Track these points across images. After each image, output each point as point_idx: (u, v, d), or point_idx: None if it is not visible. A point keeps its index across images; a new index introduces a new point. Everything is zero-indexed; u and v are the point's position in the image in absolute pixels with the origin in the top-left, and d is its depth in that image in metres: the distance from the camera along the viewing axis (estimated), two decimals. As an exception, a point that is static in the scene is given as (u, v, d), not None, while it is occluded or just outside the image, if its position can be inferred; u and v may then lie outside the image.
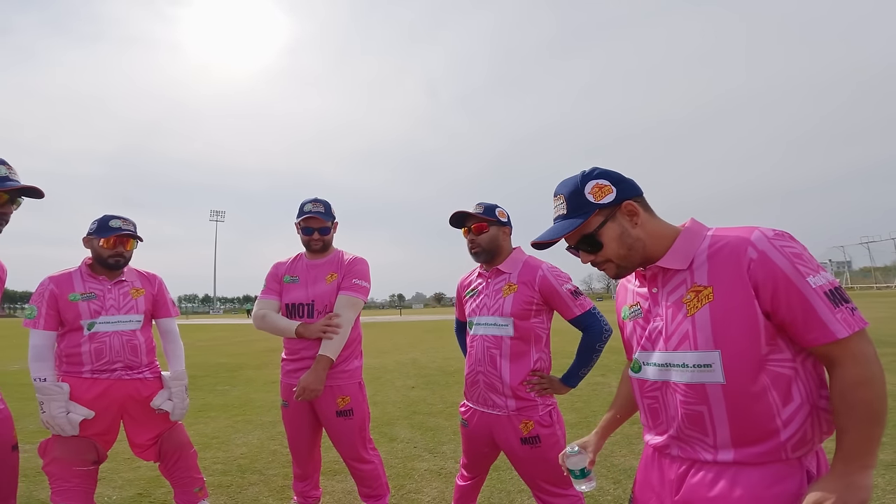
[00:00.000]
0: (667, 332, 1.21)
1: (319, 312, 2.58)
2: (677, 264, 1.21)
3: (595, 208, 1.24)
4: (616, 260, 1.27)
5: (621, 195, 1.24)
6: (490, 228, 2.19)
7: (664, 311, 1.23)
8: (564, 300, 2.09)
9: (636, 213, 1.25)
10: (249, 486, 3.46)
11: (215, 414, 5.73)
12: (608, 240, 1.25)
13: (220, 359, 11.61)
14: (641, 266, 1.29)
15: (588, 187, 1.25)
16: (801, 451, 1.10)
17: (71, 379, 2.48)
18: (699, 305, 1.15)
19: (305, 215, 2.60)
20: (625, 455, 3.82)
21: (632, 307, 1.35)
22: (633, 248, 1.25)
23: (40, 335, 2.41)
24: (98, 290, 2.55)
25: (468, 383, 2.22)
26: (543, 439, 2.05)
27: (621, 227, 1.25)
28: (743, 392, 1.10)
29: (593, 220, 1.25)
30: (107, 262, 2.54)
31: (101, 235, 2.50)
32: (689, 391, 1.16)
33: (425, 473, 3.62)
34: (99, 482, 3.51)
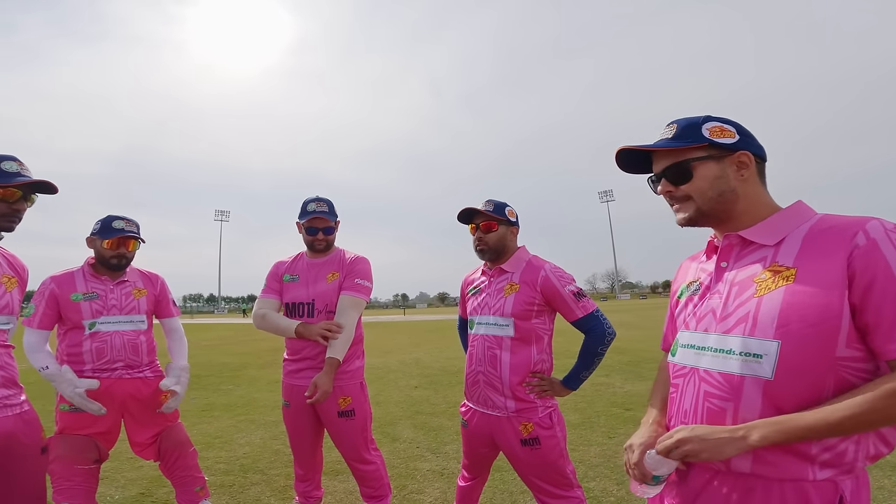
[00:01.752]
0: (723, 310, 1.07)
1: (320, 312, 2.57)
2: (763, 238, 1.08)
3: (705, 142, 1.11)
4: (698, 200, 1.13)
5: (742, 144, 1.12)
6: (499, 227, 2.16)
7: (726, 288, 1.09)
8: (567, 302, 2.07)
9: (747, 167, 1.11)
10: (251, 485, 3.46)
11: (218, 413, 5.74)
12: (701, 176, 1.12)
13: (224, 358, 11.65)
14: (720, 224, 1.16)
15: (709, 124, 1.13)
16: (832, 471, 0.96)
17: None
18: (773, 287, 1.00)
19: (310, 216, 2.59)
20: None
21: (691, 284, 1.22)
22: (722, 197, 1.12)
23: (33, 333, 2.41)
24: (100, 289, 2.55)
25: (468, 383, 2.21)
26: (543, 441, 2.03)
27: (723, 171, 1.11)
28: (789, 393, 0.96)
29: (696, 150, 1.13)
30: (109, 263, 2.55)
31: (103, 236, 2.51)
32: (722, 382, 1.03)
33: (428, 474, 3.61)
34: (101, 481, 3.52)
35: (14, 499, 1.81)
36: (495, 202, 2.19)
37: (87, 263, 2.61)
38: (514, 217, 2.22)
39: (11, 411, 1.82)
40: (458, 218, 2.23)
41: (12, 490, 1.81)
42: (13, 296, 1.92)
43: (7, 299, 1.88)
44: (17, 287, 1.96)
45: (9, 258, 1.99)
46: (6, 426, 1.78)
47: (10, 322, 1.92)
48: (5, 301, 1.87)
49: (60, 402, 2.51)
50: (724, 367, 1.03)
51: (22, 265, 2.06)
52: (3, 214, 1.78)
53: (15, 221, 1.83)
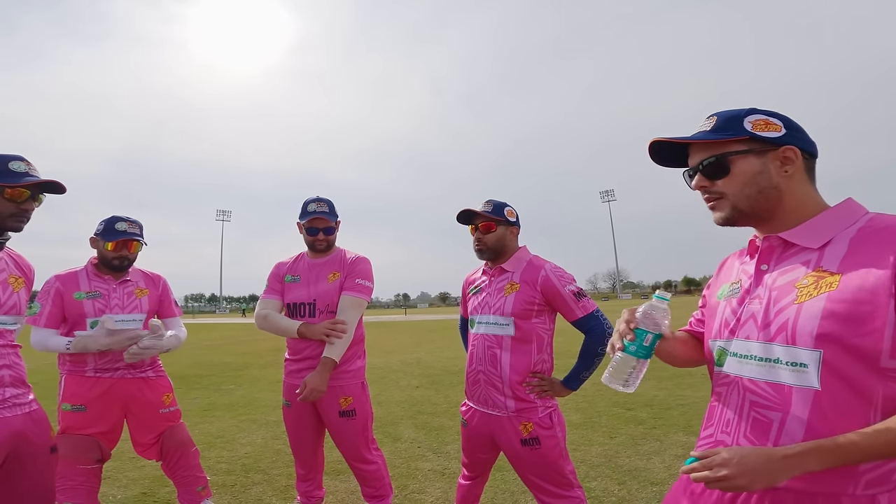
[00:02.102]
0: (764, 317, 1.01)
1: (321, 312, 2.58)
2: (806, 240, 1.00)
3: (746, 134, 1.03)
4: (733, 198, 1.06)
5: (788, 139, 1.03)
6: (497, 228, 2.17)
7: (766, 293, 1.02)
8: (567, 301, 2.07)
9: (792, 162, 1.03)
10: (253, 485, 3.47)
11: (220, 413, 5.75)
12: (739, 171, 1.04)
13: (226, 358, 11.65)
14: (761, 223, 1.09)
15: (751, 117, 1.05)
16: (877, 489, 0.91)
17: (74, 377, 2.52)
18: (814, 293, 0.94)
19: (310, 216, 2.60)
20: (630, 456, 3.80)
21: (732, 285, 1.14)
22: (762, 194, 1.04)
23: (40, 331, 2.46)
24: (103, 289, 2.59)
25: (469, 382, 2.21)
26: (543, 441, 2.03)
27: (764, 166, 1.03)
28: (837, 404, 0.90)
29: (735, 143, 1.04)
30: (111, 264, 2.59)
31: (106, 238, 2.54)
32: (770, 392, 0.97)
33: (429, 473, 3.62)
34: (104, 481, 3.53)
35: (24, 497, 1.81)
36: (494, 202, 2.20)
37: (91, 263, 2.65)
38: (514, 217, 2.22)
39: (20, 410, 1.82)
40: (457, 219, 2.24)
41: (22, 489, 1.81)
42: (20, 296, 1.92)
43: (14, 300, 1.88)
44: (23, 287, 1.95)
45: (16, 258, 1.99)
46: (15, 425, 1.78)
47: (18, 322, 1.92)
48: (12, 301, 1.88)
49: (63, 401, 2.52)
50: (771, 376, 0.97)
51: (28, 265, 2.05)
52: (12, 214, 1.78)
53: (23, 221, 1.83)
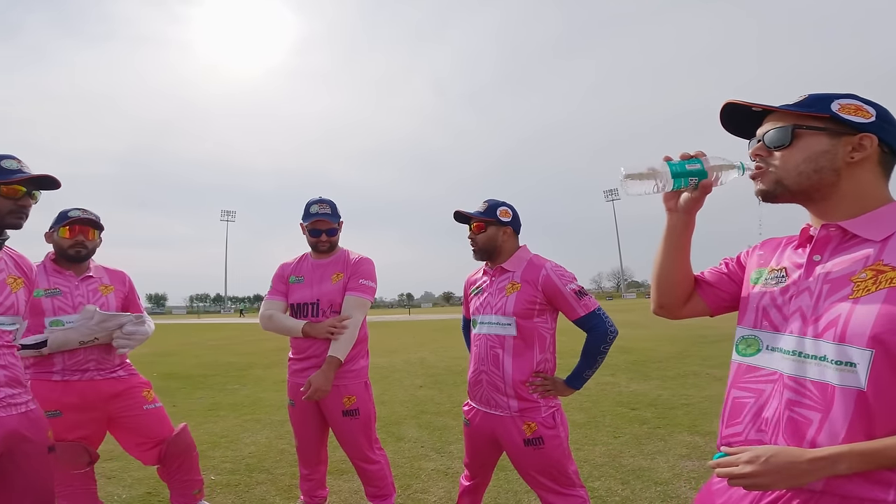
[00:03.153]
0: (814, 311, 0.94)
1: (325, 311, 2.59)
2: (869, 232, 0.94)
3: (828, 113, 0.96)
4: (783, 171, 0.99)
5: (874, 129, 0.95)
6: (488, 228, 2.19)
7: (818, 285, 0.96)
8: (568, 300, 2.07)
9: (863, 150, 0.95)
10: (257, 484, 3.48)
11: (224, 413, 5.77)
12: (801, 147, 0.98)
13: (230, 358, 11.69)
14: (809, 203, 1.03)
15: (842, 99, 0.98)
16: None
17: (41, 383, 2.27)
18: (873, 289, 0.88)
19: (313, 218, 2.61)
20: (634, 455, 3.79)
21: (772, 271, 1.07)
22: (818, 174, 0.97)
23: None
24: (64, 285, 2.42)
25: (471, 382, 2.21)
26: (546, 441, 2.03)
27: (832, 149, 0.96)
28: (884, 408, 0.86)
29: (809, 119, 0.98)
30: (68, 254, 2.42)
31: (60, 225, 2.41)
32: (813, 392, 0.91)
33: (432, 473, 3.62)
34: (108, 481, 3.56)
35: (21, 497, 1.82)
36: (490, 202, 2.22)
37: (48, 259, 2.48)
38: (509, 217, 2.22)
39: (16, 410, 1.82)
40: (454, 219, 2.27)
41: (19, 488, 1.81)
42: (18, 296, 1.91)
43: (12, 300, 1.88)
44: (23, 287, 1.94)
45: (16, 258, 1.98)
46: (11, 424, 1.78)
47: (16, 323, 1.91)
48: (10, 302, 1.87)
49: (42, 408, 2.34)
50: (815, 374, 0.92)
51: (29, 265, 2.04)
52: (11, 211, 1.79)
53: (22, 218, 1.84)
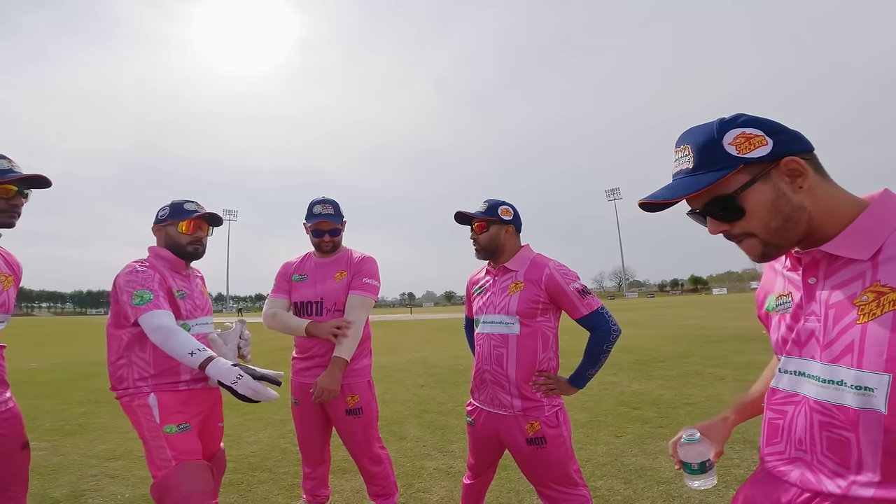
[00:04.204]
0: (825, 336, 0.93)
1: (328, 310, 2.59)
2: (855, 252, 0.90)
3: (738, 163, 0.92)
4: (763, 234, 0.95)
5: (781, 148, 0.91)
6: (490, 228, 2.19)
7: (822, 310, 0.94)
8: (571, 299, 2.07)
9: (802, 174, 0.91)
10: (259, 484, 3.48)
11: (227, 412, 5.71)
12: (755, 206, 0.93)
13: (232, 357, 11.69)
14: (798, 246, 0.98)
15: (729, 136, 0.93)
16: None
17: (166, 394, 2.03)
18: (878, 312, 0.85)
19: (316, 218, 2.62)
20: (636, 455, 3.79)
21: (780, 297, 1.05)
22: (791, 220, 0.93)
23: (164, 315, 1.92)
24: (186, 287, 2.25)
25: (475, 382, 2.21)
26: (549, 440, 2.03)
27: (777, 190, 0.92)
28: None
29: (735, 178, 0.93)
30: (185, 251, 2.24)
31: (179, 218, 2.22)
32: (838, 415, 0.90)
33: (434, 472, 3.62)
34: (112, 480, 3.57)
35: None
36: (490, 202, 2.22)
37: (159, 257, 2.21)
38: (510, 215, 2.22)
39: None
40: (455, 221, 2.27)
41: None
42: (9, 294, 1.93)
43: (3, 297, 1.89)
44: (12, 286, 1.96)
45: (6, 256, 1.99)
46: None
47: (5, 321, 1.92)
48: (2, 300, 1.88)
49: (164, 422, 1.97)
50: (838, 398, 0.90)
51: (17, 263, 2.06)
52: (3, 211, 1.82)
53: (14, 217, 1.86)
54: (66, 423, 5.37)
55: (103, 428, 5.12)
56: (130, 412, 2.04)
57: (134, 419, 2.03)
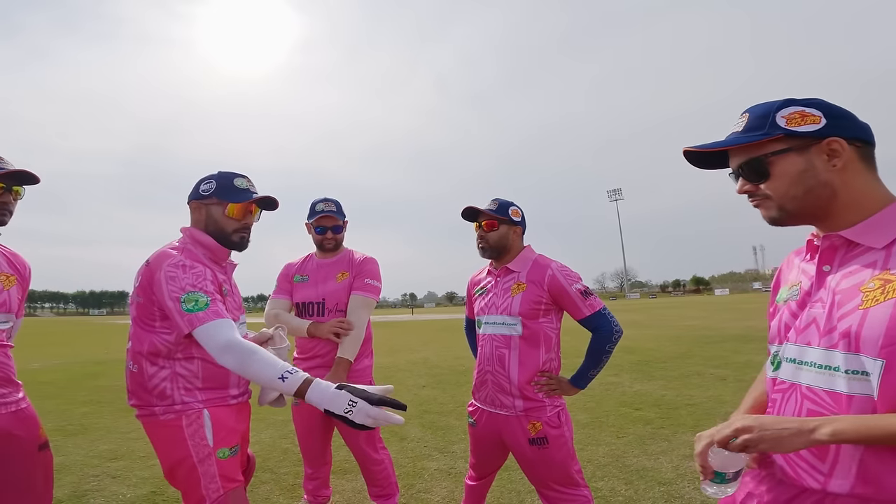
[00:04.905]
0: (827, 322, 0.94)
1: (330, 311, 2.60)
2: (870, 239, 0.93)
3: (779, 132, 0.97)
4: (779, 199, 1.00)
5: (831, 130, 0.95)
6: (500, 227, 2.17)
7: (829, 296, 0.96)
8: (574, 300, 2.07)
9: (839, 155, 0.95)
10: (261, 484, 3.48)
11: (228, 412, 5.77)
12: (780, 172, 0.98)
13: (234, 357, 11.69)
14: (817, 222, 1.02)
15: (785, 111, 0.98)
16: None
17: (218, 409, 1.73)
18: (882, 298, 0.87)
19: (318, 215, 2.62)
20: (637, 455, 3.79)
21: (791, 287, 1.08)
22: (812, 193, 0.97)
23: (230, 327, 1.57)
24: (226, 282, 1.85)
25: (477, 382, 2.21)
26: (551, 440, 2.03)
27: (809, 163, 0.96)
28: None
29: (771, 143, 0.99)
30: (229, 239, 1.84)
31: (227, 199, 1.81)
32: (829, 401, 0.92)
33: (435, 473, 3.62)
34: (113, 480, 3.58)
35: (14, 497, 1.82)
36: (500, 201, 2.20)
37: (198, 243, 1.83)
38: (519, 217, 2.22)
39: (6, 409, 1.81)
40: (462, 215, 2.25)
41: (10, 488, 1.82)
42: (11, 294, 1.89)
43: (4, 297, 1.87)
44: (16, 285, 1.93)
45: (9, 256, 1.96)
46: (1, 424, 1.79)
47: (9, 320, 1.90)
48: (2, 299, 1.86)
49: (217, 446, 1.67)
50: (830, 384, 0.92)
51: (23, 263, 2.02)
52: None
53: (6, 215, 1.82)
54: (69, 423, 5.39)
55: (105, 428, 5.13)
56: (169, 431, 1.66)
57: (173, 439, 1.66)
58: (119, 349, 15.15)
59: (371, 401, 1.34)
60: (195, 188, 1.86)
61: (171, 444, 1.66)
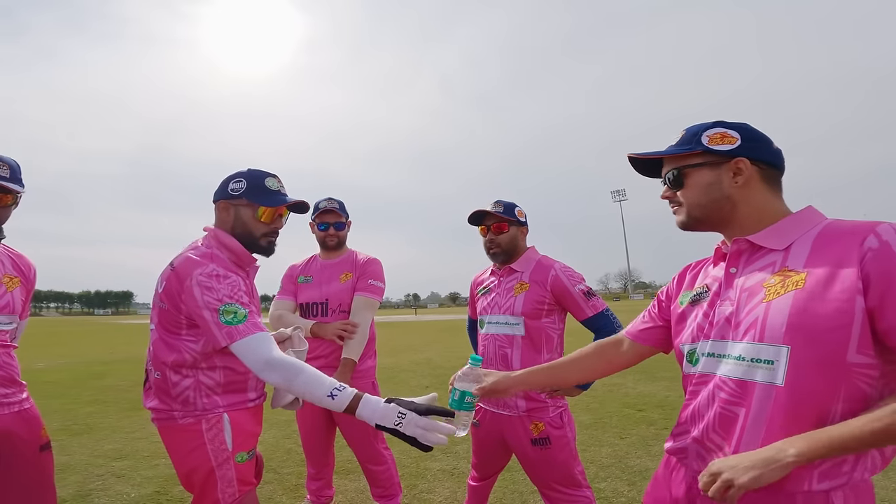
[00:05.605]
0: (736, 317, 1.05)
1: (333, 311, 2.61)
2: (771, 242, 1.06)
3: (699, 148, 1.12)
4: (689, 207, 1.15)
5: (743, 151, 1.09)
6: (510, 229, 2.17)
7: (737, 294, 1.07)
8: (577, 300, 2.07)
9: (742, 173, 1.09)
10: (264, 484, 3.49)
11: (232, 412, 5.78)
12: (692, 182, 1.13)
13: (238, 358, 11.72)
14: (720, 229, 1.16)
15: (710, 131, 1.13)
16: (828, 483, 0.94)
17: (238, 413, 1.71)
18: (782, 291, 0.98)
19: (320, 211, 2.64)
20: (640, 456, 3.78)
21: (698, 289, 1.19)
22: (715, 203, 1.11)
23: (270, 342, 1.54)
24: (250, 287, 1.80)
25: (479, 383, 2.21)
26: (554, 441, 2.03)
27: (717, 177, 1.11)
28: (801, 401, 0.93)
29: (692, 157, 1.14)
30: (257, 244, 1.77)
31: (259, 202, 1.73)
32: (735, 389, 1.01)
33: (438, 473, 3.62)
34: (118, 479, 3.59)
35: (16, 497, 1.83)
36: (504, 203, 2.19)
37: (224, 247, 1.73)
38: (524, 217, 2.23)
39: (9, 409, 1.82)
40: (468, 220, 2.24)
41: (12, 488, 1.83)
42: (14, 295, 1.89)
43: (7, 299, 1.87)
44: (19, 287, 1.93)
45: (14, 257, 1.96)
46: (4, 424, 1.79)
47: (13, 322, 1.90)
48: (5, 301, 1.87)
49: (237, 450, 1.67)
50: (737, 373, 1.02)
51: (28, 264, 2.02)
52: None
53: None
54: (73, 422, 5.41)
55: (110, 428, 5.16)
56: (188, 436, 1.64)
57: (192, 444, 1.64)
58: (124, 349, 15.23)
59: (419, 411, 1.37)
60: (223, 186, 1.76)
61: (189, 448, 1.64)
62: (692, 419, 1.12)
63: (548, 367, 1.48)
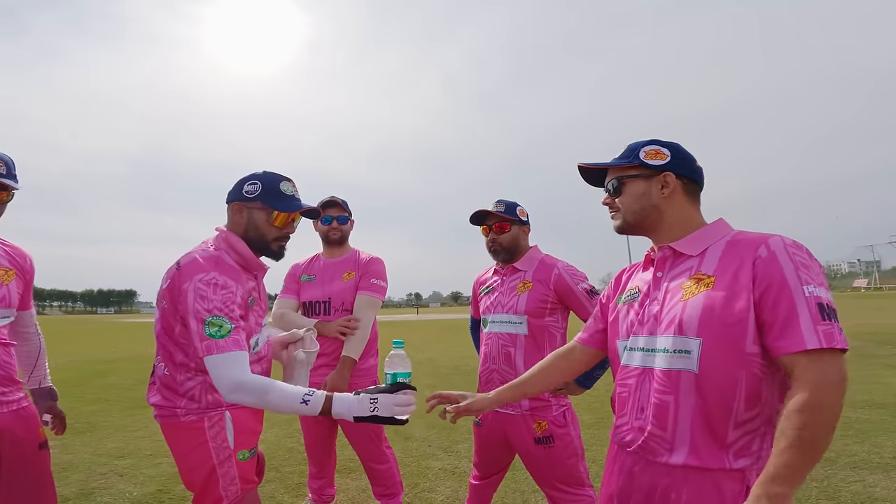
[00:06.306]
0: (659, 315, 1.22)
1: (336, 310, 2.61)
2: (688, 249, 1.24)
3: (636, 161, 1.30)
4: (624, 213, 1.32)
5: (670, 167, 1.27)
6: (512, 228, 2.17)
7: (662, 295, 1.24)
8: (580, 299, 2.07)
9: (668, 186, 1.27)
10: (265, 482, 3.49)
11: (234, 411, 5.79)
12: (628, 191, 1.31)
13: (240, 356, 11.73)
14: (649, 234, 1.33)
15: (647, 147, 1.30)
16: (743, 461, 1.08)
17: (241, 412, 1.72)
18: (695, 292, 1.16)
19: (322, 203, 2.65)
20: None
21: (631, 291, 1.36)
22: (644, 211, 1.29)
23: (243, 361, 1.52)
24: (255, 289, 1.79)
25: (482, 381, 2.21)
26: (557, 439, 2.03)
27: (648, 188, 1.28)
28: (712, 384, 1.10)
29: (630, 169, 1.31)
30: (268, 248, 1.76)
31: (274, 206, 1.72)
32: (665, 378, 1.16)
33: (439, 472, 3.62)
34: (120, 478, 3.60)
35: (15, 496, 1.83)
36: (506, 202, 2.19)
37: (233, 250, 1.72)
38: (525, 216, 2.22)
39: (7, 408, 1.81)
40: (470, 220, 2.25)
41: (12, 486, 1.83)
42: (10, 288, 1.87)
43: (3, 292, 1.85)
44: (15, 279, 1.90)
45: (8, 250, 1.94)
46: (3, 422, 1.78)
47: (10, 315, 1.88)
48: (1, 294, 1.86)
49: (238, 447, 1.69)
50: (665, 364, 1.17)
51: (24, 255, 1.99)
52: None
53: None
54: (76, 421, 5.42)
55: (113, 426, 5.17)
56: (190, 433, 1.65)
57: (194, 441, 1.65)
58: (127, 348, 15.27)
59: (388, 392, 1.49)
60: (237, 188, 1.75)
61: (191, 446, 1.65)
62: (633, 411, 1.24)
63: (515, 384, 1.62)
